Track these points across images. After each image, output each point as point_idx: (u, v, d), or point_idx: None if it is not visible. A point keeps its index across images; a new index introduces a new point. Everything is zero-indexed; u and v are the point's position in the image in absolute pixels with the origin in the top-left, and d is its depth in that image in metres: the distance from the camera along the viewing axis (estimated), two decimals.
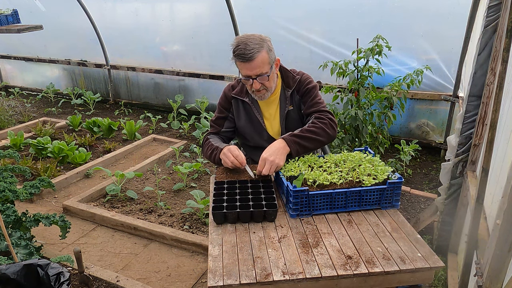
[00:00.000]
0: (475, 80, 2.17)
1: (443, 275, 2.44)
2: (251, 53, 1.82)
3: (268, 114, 2.13)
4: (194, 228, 3.05)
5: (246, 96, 2.10)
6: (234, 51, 1.87)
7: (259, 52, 1.84)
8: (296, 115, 2.11)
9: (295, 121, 2.11)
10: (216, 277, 1.30)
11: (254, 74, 1.89)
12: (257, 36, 1.89)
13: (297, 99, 2.10)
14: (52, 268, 1.67)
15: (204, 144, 2.11)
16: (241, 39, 1.88)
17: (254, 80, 1.90)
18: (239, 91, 2.12)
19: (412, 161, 4.05)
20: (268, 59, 1.88)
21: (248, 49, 1.82)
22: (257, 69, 1.87)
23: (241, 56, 1.84)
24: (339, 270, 1.32)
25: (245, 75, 1.92)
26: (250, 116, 2.12)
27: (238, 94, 2.11)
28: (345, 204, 1.65)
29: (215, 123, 2.19)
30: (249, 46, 1.83)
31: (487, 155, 1.63)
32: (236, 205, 1.61)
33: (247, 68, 1.87)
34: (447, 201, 2.52)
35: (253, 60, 1.84)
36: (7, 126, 5.24)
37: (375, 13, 4.02)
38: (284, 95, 2.10)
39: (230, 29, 4.72)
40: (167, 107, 5.79)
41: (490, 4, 2.00)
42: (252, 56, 1.83)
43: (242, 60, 1.86)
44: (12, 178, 2.58)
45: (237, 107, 2.14)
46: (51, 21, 5.82)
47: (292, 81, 2.08)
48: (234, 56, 1.89)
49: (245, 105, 2.12)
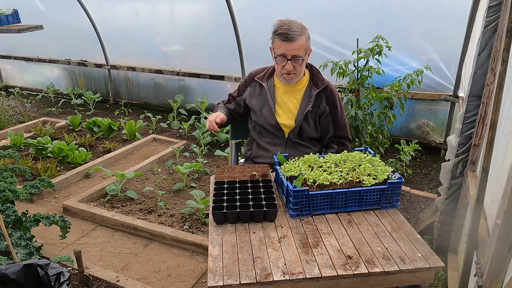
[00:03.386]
0: (475, 80, 2.17)
1: (443, 275, 2.44)
2: (294, 34, 1.90)
3: (282, 102, 2.18)
4: (194, 228, 3.05)
5: (265, 81, 2.21)
6: (275, 30, 1.95)
7: (301, 35, 1.93)
8: (313, 117, 2.15)
9: (310, 124, 2.15)
10: (216, 277, 1.30)
11: (291, 54, 1.96)
12: (299, 23, 1.98)
13: (322, 106, 2.15)
14: (52, 268, 1.67)
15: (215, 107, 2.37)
16: (284, 21, 1.95)
17: (288, 61, 1.97)
18: (262, 76, 2.23)
19: (412, 161, 4.05)
20: (306, 45, 1.98)
21: (291, 30, 1.90)
22: (296, 50, 1.94)
23: (284, 35, 1.91)
24: (339, 270, 1.32)
25: (281, 54, 1.98)
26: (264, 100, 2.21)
27: (259, 78, 2.23)
28: (345, 204, 1.65)
29: (229, 96, 2.39)
30: (293, 28, 1.91)
31: (487, 155, 1.63)
32: (236, 205, 1.61)
33: (286, 47, 1.94)
34: (447, 201, 2.52)
35: (294, 42, 1.92)
36: (7, 126, 5.24)
37: (375, 13, 4.02)
38: (309, 92, 2.14)
39: (230, 29, 4.72)
40: (167, 107, 5.78)
41: (490, 4, 2.00)
42: (294, 37, 1.91)
43: (283, 39, 1.92)
44: (12, 178, 2.58)
45: (254, 89, 2.25)
46: (51, 21, 5.81)
47: (321, 83, 2.15)
48: (275, 35, 1.95)
49: (262, 89, 2.22)
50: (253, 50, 4.81)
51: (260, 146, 2.27)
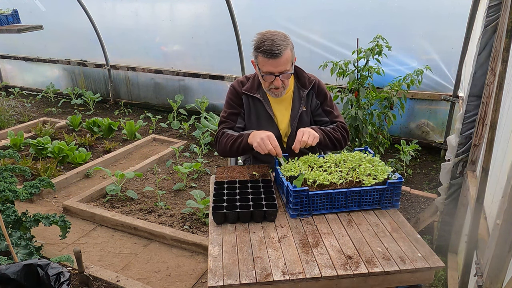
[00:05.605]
0: (475, 80, 2.17)
1: (443, 275, 2.44)
2: (279, 49, 1.79)
3: (277, 112, 2.09)
4: (194, 228, 3.05)
5: (257, 92, 2.05)
6: (258, 46, 1.83)
7: (286, 49, 1.82)
8: (307, 117, 2.10)
9: (305, 123, 2.09)
10: (216, 277, 1.30)
11: (278, 71, 1.86)
12: (280, 33, 1.86)
13: (314, 102, 2.09)
14: (52, 268, 1.67)
15: (221, 136, 2.04)
16: (266, 35, 1.84)
17: (276, 77, 1.87)
18: (249, 87, 2.06)
19: (412, 161, 4.05)
20: (291, 57, 1.88)
21: (275, 45, 1.79)
22: (282, 66, 1.84)
23: (268, 52, 1.80)
24: (339, 270, 1.32)
25: (267, 72, 1.87)
26: (260, 113, 2.08)
27: (249, 90, 2.06)
28: (345, 204, 1.65)
29: (228, 119, 2.10)
30: (276, 42, 1.79)
31: (487, 155, 1.63)
32: (236, 205, 1.61)
33: (272, 64, 1.84)
34: (447, 201, 2.52)
35: (280, 57, 1.81)
36: (7, 126, 5.24)
37: (375, 13, 4.02)
38: (298, 94, 2.07)
39: (230, 29, 4.72)
40: (167, 107, 5.79)
41: (490, 4, 2.00)
42: (280, 53, 1.80)
43: (268, 57, 1.81)
44: (12, 178, 2.58)
45: (248, 103, 2.08)
46: (51, 21, 5.81)
47: (308, 82, 2.06)
48: (258, 52, 1.84)
49: (255, 101, 2.07)
50: None
51: (258, 158, 2.18)
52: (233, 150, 1.97)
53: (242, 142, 1.92)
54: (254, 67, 1.98)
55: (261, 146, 1.80)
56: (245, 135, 1.93)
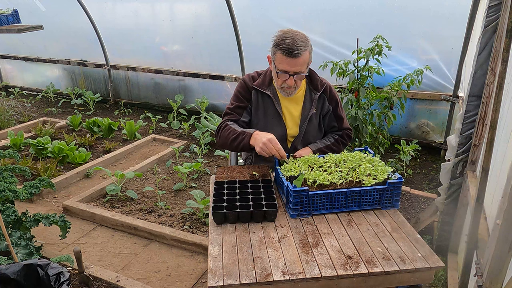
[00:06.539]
0: (475, 80, 2.17)
1: (443, 275, 2.44)
2: (298, 50, 1.80)
3: (286, 110, 2.09)
4: (194, 228, 3.05)
5: (267, 88, 2.05)
6: (279, 43, 1.82)
7: (305, 51, 1.83)
8: (317, 120, 2.12)
9: (314, 126, 2.11)
10: (216, 277, 1.30)
11: (294, 71, 1.86)
12: (302, 34, 1.86)
13: (326, 107, 2.11)
14: (52, 268, 1.67)
15: (224, 128, 2.03)
16: (287, 33, 1.83)
17: (290, 76, 1.88)
18: (260, 82, 2.06)
19: (412, 161, 4.06)
20: (308, 60, 1.89)
21: (296, 45, 1.79)
22: (298, 66, 1.85)
23: (288, 50, 1.80)
24: (339, 270, 1.32)
25: (283, 70, 1.87)
26: (268, 110, 2.07)
27: (259, 86, 2.06)
28: (345, 204, 1.65)
29: (233, 111, 2.09)
30: (297, 42, 1.80)
31: (487, 155, 1.63)
32: (236, 205, 1.61)
33: (289, 63, 1.84)
34: (447, 201, 2.52)
35: (299, 58, 1.82)
36: (7, 126, 5.24)
37: (375, 13, 4.02)
38: (310, 96, 2.08)
39: (230, 29, 4.72)
40: (167, 107, 5.79)
41: (490, 4, 2.00)
42: (299, 53, 1.81)
43: (287, 55, 1.81)
44: (12, 178, 2.58)
45: (256, 98, 2.08)
46: (51, 21, 5.82)
47: (320, 85, 2.08)
48: (277, 48, 1.83)
49: (264, 97, 2.07)
50: (253, 50, 4.81)
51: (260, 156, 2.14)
52: (233, 146, 1.98)
53: (243, 141, 1.92)
54: (269, 63, 1.99)
55: (264, 151, 1.82)
56: (247, 135, 1.92)
